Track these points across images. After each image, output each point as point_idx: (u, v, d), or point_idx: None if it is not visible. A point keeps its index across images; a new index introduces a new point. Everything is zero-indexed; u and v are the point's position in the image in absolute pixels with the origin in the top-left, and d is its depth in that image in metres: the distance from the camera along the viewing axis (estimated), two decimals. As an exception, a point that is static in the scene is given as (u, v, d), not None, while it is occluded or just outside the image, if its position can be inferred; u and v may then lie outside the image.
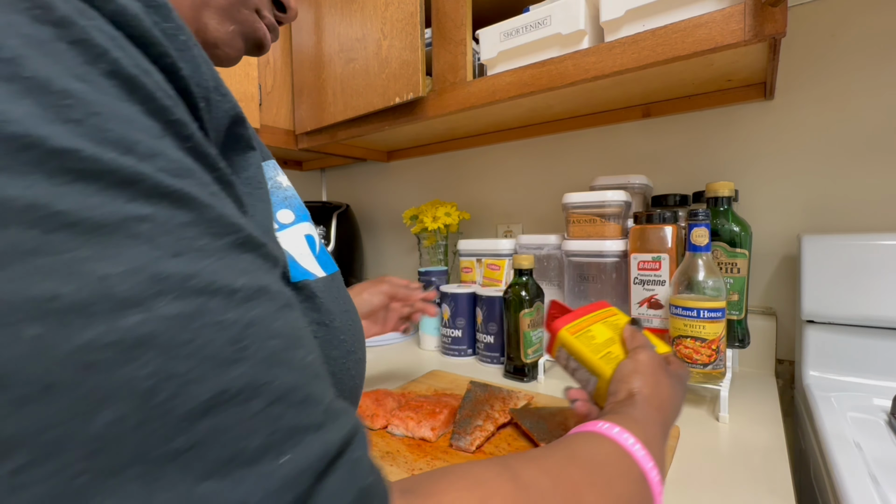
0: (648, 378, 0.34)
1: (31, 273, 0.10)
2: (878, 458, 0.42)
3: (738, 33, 0.48)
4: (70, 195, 0.11)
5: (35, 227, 0.11)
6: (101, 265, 0.11)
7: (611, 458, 0.25)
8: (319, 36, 0.88)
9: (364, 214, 1.31)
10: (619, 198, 0.67)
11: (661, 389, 0.34)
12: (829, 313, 0.59)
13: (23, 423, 0.10)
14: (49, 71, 0.11)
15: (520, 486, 0.19)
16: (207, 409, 0.12)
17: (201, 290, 0.13)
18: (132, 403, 0.11)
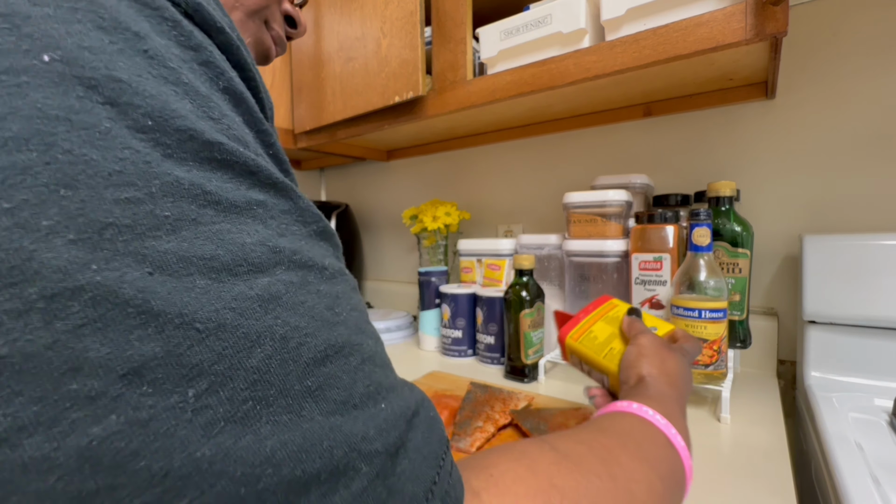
0: (654, 359, 0.35)
1: (196, 237, 0.13)
2: (880, 458, 0.42)
3: (740, 32, 0.48)
4: (214, 179, 0.14)
5: (195, 202, 0.14)
6: (239, 237, 0.14)
7: (636, 427, 0.26)
8: (319, 34, 0.88)
9: (363, 214, 1.31)
10: (621, 197, 0.67)
11: (669, 366, 0.35)
12: (830, 314, 0.58)
13: (203, 355, 0.12)
14: (195, 81, 0.15)
15: (560, 454, 0.21)
16: (323, 358, 0.15)
17: (303, 264, 0.16)
18: (274, 346, 0.14)
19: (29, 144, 0.11)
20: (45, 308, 0.11)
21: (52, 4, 0.12)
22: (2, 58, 0.11)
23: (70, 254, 0.11)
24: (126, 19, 0.14)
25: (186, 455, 0.11)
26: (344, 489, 0.14)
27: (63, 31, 0.12)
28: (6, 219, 0.11)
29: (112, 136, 0.12)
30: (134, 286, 0.12)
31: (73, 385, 0.11)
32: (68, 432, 0.10)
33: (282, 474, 0.13)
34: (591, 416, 0.46)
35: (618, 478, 0.21)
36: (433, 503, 0.16)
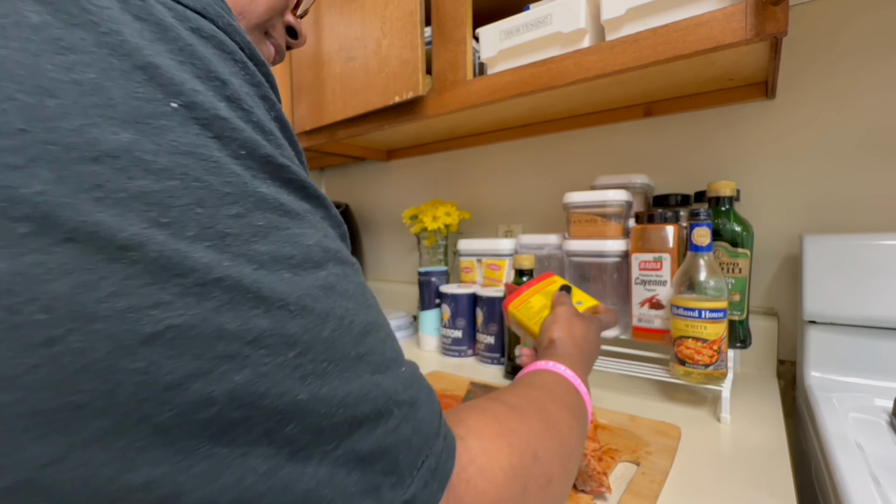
0: (564, 325, 0.44)
1: (279, 240, 0.17)
2: (880, 458, 0.42)
3: (740, 32, 0.48)
4: (283, 194, 0.18)
5: (275, 213, 0.18)
6: (304, 239, 0.18)
7: (554, 381, 0.35)
8: (318, 34, 0.88)
9: (364, 214, 1.31)
10: (621, 197, 0.67)
11: (576, 331, 0.44)
12: (830, 314, 0.58)
13: (296, 328, 0.17)
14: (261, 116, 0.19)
15: (510, 406, 0.28)
16: (365, 332, 0.20)
17: (342, 260, 0.20)
18: (336, 323, 0.18)
19: (173, 174, 0.15)
20: (199, 292, 0.15)
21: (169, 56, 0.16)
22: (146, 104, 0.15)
23: (209, 255, 0.15)
24: (215, 67, 0.17)
25: (291, 398, 0.16)
26: (384, 426, 0.19)
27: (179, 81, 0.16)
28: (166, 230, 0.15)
29: (221, 164, 0.16)
30: (249, 278, 0.16)
31: (219, 347, 0.15)
32: (219, 380, 0.15)
33: (347, 413, 0.18)
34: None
35: (549, 420, 0.29)
36: (439, 441, 0.21)
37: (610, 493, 0.40)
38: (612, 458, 0.45)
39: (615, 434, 0.50)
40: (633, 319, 0.65)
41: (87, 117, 0.14)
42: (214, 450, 0.14)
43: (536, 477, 0.25)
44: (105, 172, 0.14)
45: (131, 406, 0.13)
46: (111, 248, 0.13)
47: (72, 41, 0.14)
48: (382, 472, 0.18)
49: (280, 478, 0.16)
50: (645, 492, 0.40)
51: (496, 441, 0.24)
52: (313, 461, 0.16)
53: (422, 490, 0.19)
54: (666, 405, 0.58)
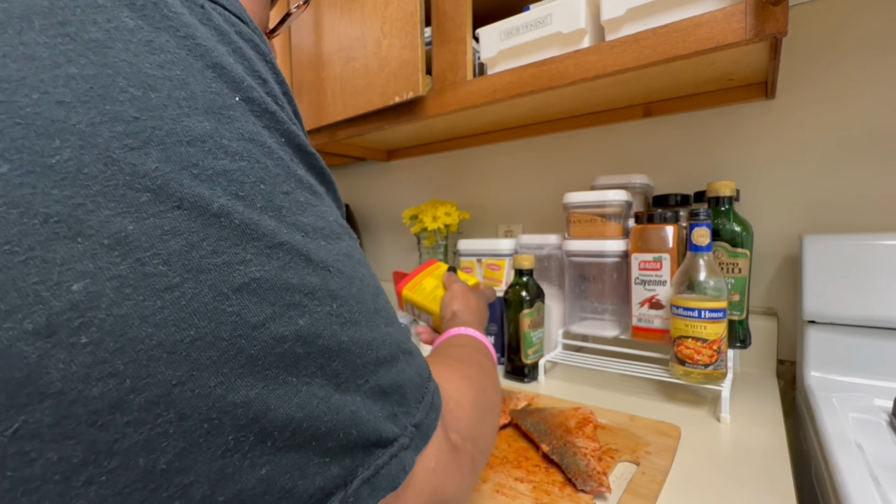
0: (461, 299, 0.53)
1: (314, 214, 0.21)
2: (880, 458, 0.42)
3: (739, 32, 0.48)
4: (310, 177, 0.22)
5: (308, 191, 0.21)
6: (328, 215, 0.22)
7: (470, 341, 0.43)
8: (319, 35, 0.88)
9: (364, 214, 1.31)
10: (620, 197, 0.67)
11: (471, 303, 0.53)
12: (830, 314, 0.58)
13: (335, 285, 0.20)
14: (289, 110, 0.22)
15: (456, 359, 0.36)
16: (377, 293, 0.24)
17: (351, 234, 0.24)
18: (360, 282, 0.22)
19: (243, 156, 0.18)
20: (269, 253, 0.18)
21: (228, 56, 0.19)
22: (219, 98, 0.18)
23: (272, 223, 0.18)
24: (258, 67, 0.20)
25: (336, 339, 0.20)
26: (396, 367, 0.23)
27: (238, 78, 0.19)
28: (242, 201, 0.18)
29: (273, 149, 0.20)
30: (300, 243, 0.19)
31: (286, 297, 0.18)
32: (288, 322, 0.18)
33: (372, 355, 0.22)
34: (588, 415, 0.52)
35: (482, 366, 0.37)
36: (431, 382, 0.26)
37: (610, 493, 0.40)
38: (612, 457, 0.45)
39: (615, 434, 0.50)
40: (632, 319, 0.65)
41: (179, 108, 0.17)
42: (289, 378, 0.18)
43: (487, 405, 0.32)
44: (197, 153, 0.17)
45: (231, 340, 0.16)
46: (208, 214, 0.17)
47: (160, 43, 0.17)
48: (397, 402, 0.23)
49: (332, 402, 0.19)
50: (645, 492, 0.40)
51: (461, 382, 0.31)
52: (351, 391, 0.20)
53: (424, 417, 0.24)
54: (666, 405, 0.58)
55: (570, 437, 0.47)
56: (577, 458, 0.43)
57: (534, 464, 0.45)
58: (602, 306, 0.71)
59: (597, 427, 0.51)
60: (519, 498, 0.40)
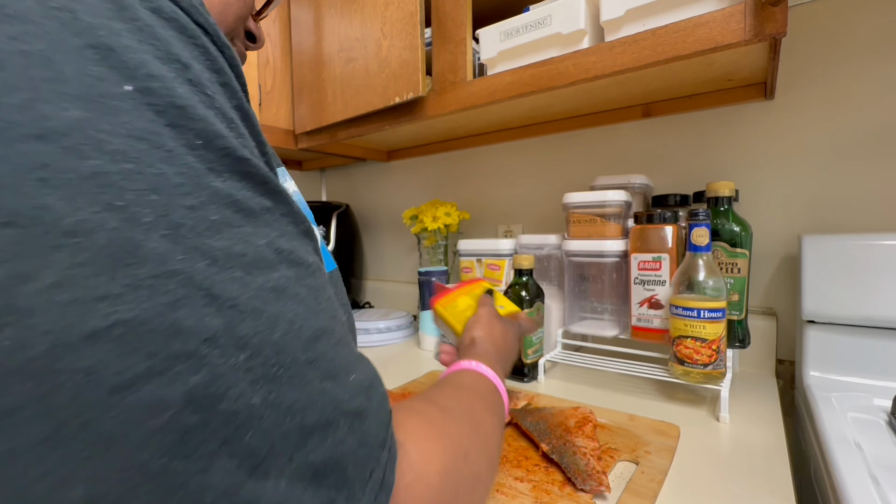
0: (484, 326, 0.46)
1: (231, 237, 0.16)
2: (879, 458, 0.42)
3: (739, 33, 0.48)
4: (241, 188, 0.17)
5: (229, 209, 0.17)
6: (255, 238, 0.17)
7: (477, 381, 0.36)
8: (319, 35, 0.88)
9: (364, 214, 1.31)
10: (620, 198, 0.67)
11: (495, 332, 0.45)
12: (829, 313, 0.59)
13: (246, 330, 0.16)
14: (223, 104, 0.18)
15: (442, 409, 0.28)
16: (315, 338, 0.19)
17: (296, 262, 0.19)
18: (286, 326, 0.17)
19: (127, 157, 0.14)
20: (153, 285, 0.14)
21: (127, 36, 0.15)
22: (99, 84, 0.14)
23: (164, 245, 0.14)
24: (175, 50, 0.16)
25: (245, 402, 0.15)
26: (331, 436, 0.18)
27: (134, 64, 0.15)
28: (120, 214, 0.13)
29: (175, 153, 0.15)
30: (202, 273, 0.15)
31: (174, 345, 0.14)
32: (174, 380, 0.13)
33: (296, 421, 0.17)
34: (588, 414, 0.51)
35: (476, 421, 0.30)
36: (384, 453, 0.20)
37: (609, 493, 0.40)
38: (612, 457, 0.45)
39: (614, 433, 0.50)
40: (632, 319, 0.65)
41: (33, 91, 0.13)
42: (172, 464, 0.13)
43: (467, 477, 0.25)
44: (52, 151, 0.13)
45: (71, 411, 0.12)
46: (55, 233, 0.12)
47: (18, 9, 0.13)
48: (335, 486, 0.18)
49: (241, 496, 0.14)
50: (644, 491, 0.40)
51: (431, 444, 0.24)
52: (272, 476, 0.16)
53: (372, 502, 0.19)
54: (665, 404, 0.59)
55: (570, 436, 0.47)
56: (576, 457, 0.43)
57: (533, 463, 0.45)
58: (601, 306, 0.71)
59: (596, 426, 0.51)
60: (519, 497, 0.40)
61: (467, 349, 0.43)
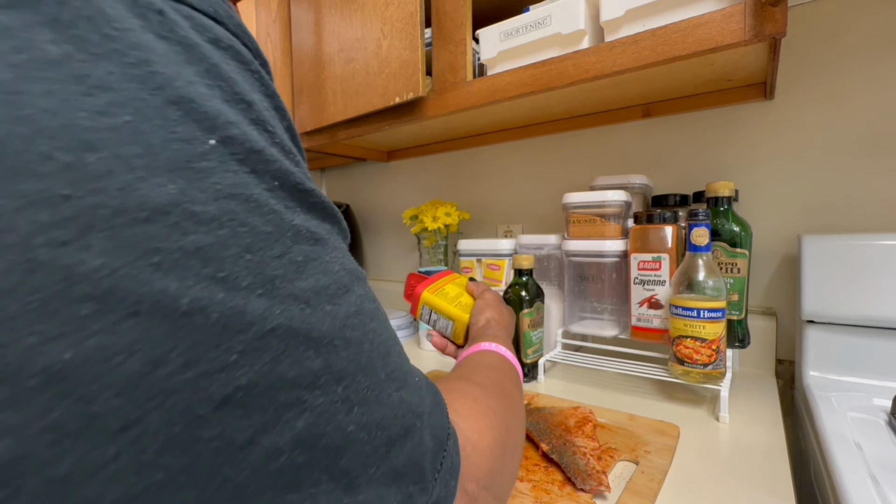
0: (495, 309, 0.50)
1: (315, 271, 0.17)
2: (879, 458, 0.42)
3: (738, 33, 0.48)
4: (311, 220, 0.18)
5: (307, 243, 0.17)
6: (332, 265, 0.18)
7: (500, 361, 0.39)
8: (319, 36, 0.88)
9: (364, 214, 1.31)
10: (620, 198, 0.67)
11: (504, 314, 0.50)
12: (829, 313, 0.59)
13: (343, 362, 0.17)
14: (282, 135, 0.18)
15: (482, 387, 0.31)
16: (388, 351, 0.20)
17: (358, 276, 0.20)
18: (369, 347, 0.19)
19: (221, 222, 0.14)
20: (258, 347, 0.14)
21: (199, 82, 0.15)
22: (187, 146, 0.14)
23: (262, 304, 0.15)
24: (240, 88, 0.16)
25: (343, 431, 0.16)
26: (410, 440, 0.20)
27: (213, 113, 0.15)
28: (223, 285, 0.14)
29: (260, 202, 0.16)
30: (298, 320, 0.16)
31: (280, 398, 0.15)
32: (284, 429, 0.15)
33: (384, 435, 0.18)
34: (587, 414, 0.51)
35: (509, 396, 0.33)
36: (451, 441, 0.23)
37: (609, 492, 0.40)
38: (612, 456, 0.45)
39: (614, 433, 0.50)
40: (632, 319, 0.65)
41: (130, 171, 0.12)
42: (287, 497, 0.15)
43: (510, 445, 0.29)
44: (159, 233, 0.13)
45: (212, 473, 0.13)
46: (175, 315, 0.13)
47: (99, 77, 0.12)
48: (413, 481, 0.19)
49: None
50: (644, 491, 0.40)
51: (481, 421, 0.27)
52: (362, 487, 0.17)
53: (443, 489, 0.21)
54: (665, 404, 0.59)
55: (570, 436, 0.47)
56: (576, 457, 0.43)
57: (533, 463, 0.45)
58: (601, 306, 0.71)
59: (596, 426, 0.51)
60: (519, 497, 0.40)
61: (482, 330, 0.46)
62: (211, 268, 0.14)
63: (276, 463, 0.14)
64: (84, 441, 0.11)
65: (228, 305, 0.14)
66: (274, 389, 0.14)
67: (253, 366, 0.14)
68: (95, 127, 0.12)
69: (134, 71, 0.13)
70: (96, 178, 0.12)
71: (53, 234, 0.11)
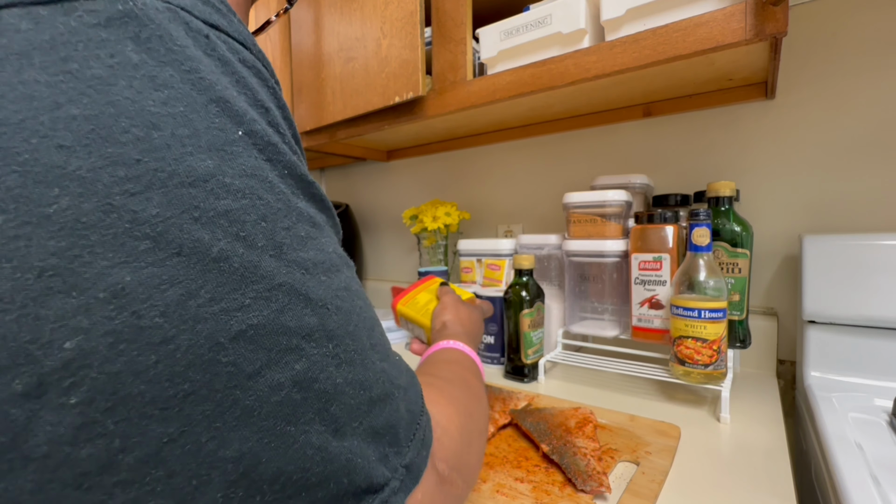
0: (451, 310, 0.52)
1: (313, 248, 0.20)
2: (880, 458, 0.42)
3: (739, 32, 0.48)
4: (311, 207, 0.22)
5: (308, 223, 0.21)
6: (327, 246, 0.22)
7: (458, 356, 0.42)
8: (319, 35, 0.88)
9: (364, 214, 1.31)
10: (620, 197, 0.67)
11: (461, 314, 0.52)
12: (830, 313, 0.58)
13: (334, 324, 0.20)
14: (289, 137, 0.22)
15: (445, 380, 0.35)
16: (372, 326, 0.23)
17: (348, 263, 0.23)
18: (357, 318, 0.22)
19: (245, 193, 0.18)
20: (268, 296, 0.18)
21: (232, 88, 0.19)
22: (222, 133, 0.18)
23: (272, 263, 0.18)
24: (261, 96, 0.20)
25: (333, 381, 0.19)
26: (390, 405, 0.22)
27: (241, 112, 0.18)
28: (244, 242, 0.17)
29: (274, 183, 0.19)
30: (300, 282, 0.19)
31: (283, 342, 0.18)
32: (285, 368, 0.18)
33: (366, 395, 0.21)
34: (588, 415, 0.52)
35: (470, 387, 0.36)
36: (424, 417, 0.25)
37: (610, 493, 0.40)
38: (612, 457, 0.45)
39: (615, 434, 0.50)
40: (632, 319, 0.65)
41: (183, 147, 0.16)
42: (286, 428, 0.17)
43: (474, 430, 0.31)
44: (199, 194, 0.16)
45: (226, 392, 0.16)
46: (207, 259, 0.16)
47: (164, 78, 0.17)
48: (389, 443, 0.22)
49: (329, 450, 0.19)
50: (645, 491, 0.40)
51: (449, 407, 0.30)
52: (347, 436, 0.20)
53: (415, 457, 0.23)
54: (666, 405, 0.58)
55: (570, 436, 0.47)
56: (577, 457, 0.43)
57: (534, 464, 0.45)
58: (602, 306, 0.71)
59: (597, 427, 0.51)
60: (519, 498, 0.40)
61: (440, 333, 0.49)
62: (236, 227, 0.17)
63: (278, 395, 0.17)
64: (134, 347, 0.14)
65: (247, 259, 0.17)
66: (278, 334, 0.17)
67: (262, 311, 0.17)
68: (160, 113, 0.16)
69: (188, 76, 0.17)
70: (159, 149, 0.16)
71: (126, 186, 0.15)
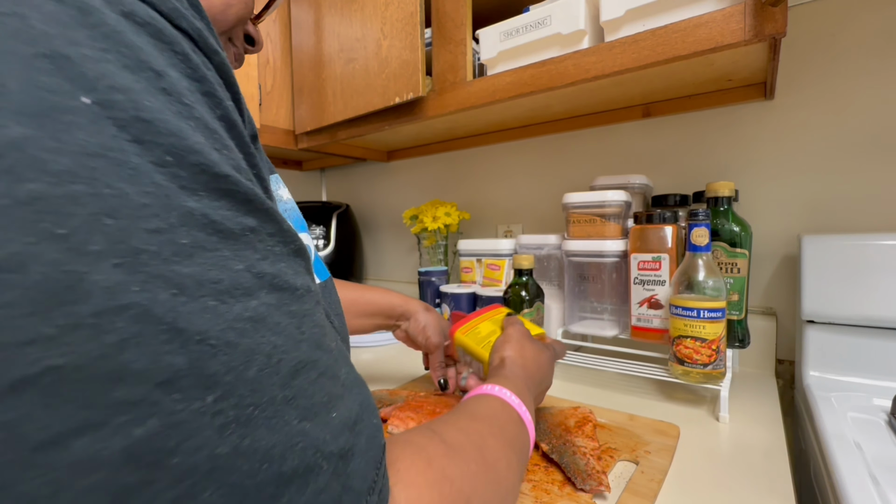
0: (514, 345, 0.43)
1: (205, 262, 0.15)
2: (878, 458, 0.42)
3: (739, 33, 0.48)
4: (219, 208, 0.16)
5: (203, 231, 0.15)
6: (233, 263, 0.16)
7: (498, 410, 0.33)
8: (319, 36, 0.88)
9: (364, 214, 1.31)
10: (619, 198, 0.67)
11: (526, 352, 0.43)
12: (829, 313, 0.59)
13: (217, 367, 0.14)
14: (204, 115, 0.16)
15: (447, 445, 0.25)
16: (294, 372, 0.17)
17: (279, 286, 0.17)
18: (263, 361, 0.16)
19: (76, 177, 0.12)
20: (95, 323, 0.12)
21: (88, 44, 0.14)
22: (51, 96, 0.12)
23: (114, 276, 0.12)
24: (147, 57, 0.15)
25: (208, 452, 0.13)
26: (313, 483, 0.16)
27: (97, 73, 0.13)
28: (61, 243, 0.12)
29: (140, 171, 0.14)
30: (164, 306, 0.13)
31: (117, 392, 0.12)
32: (114, 434, 0.12)
33: (273, 470, 0.15)
34: (587, 414, 0.51)
35: (488, 460, 0.26)
36: (373, 497, 0.19)
37: (609, 492, 0.40)
38: (612, 456, 0.45)
39: (614, 433, 0.50)
40: (631, 319, 0.65)
41: None
42: None
43: None
44: None
45: None
46: None
47: None
48: None
49: None
50: (644, 491, 0.40)
51: (426, 491, 0.22)
52: None
53: None
54: (665, 404, 0.59)
55: (570, 436, 0.47)
56: (576, 457, 0.43)
57: (533, 463, 0.45)
58: (601, 306, 0.71)
59: (596, 426, 0.51)
60: (518, 497, 0.40)
61: (495, 370, 0.40)
62: (47, 222, 0.12)
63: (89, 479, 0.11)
64: None
65: (62, 269, 0.12)
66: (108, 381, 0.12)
67: (80, 345, 0.11)
68: None
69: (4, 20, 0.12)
70: None
71: None
